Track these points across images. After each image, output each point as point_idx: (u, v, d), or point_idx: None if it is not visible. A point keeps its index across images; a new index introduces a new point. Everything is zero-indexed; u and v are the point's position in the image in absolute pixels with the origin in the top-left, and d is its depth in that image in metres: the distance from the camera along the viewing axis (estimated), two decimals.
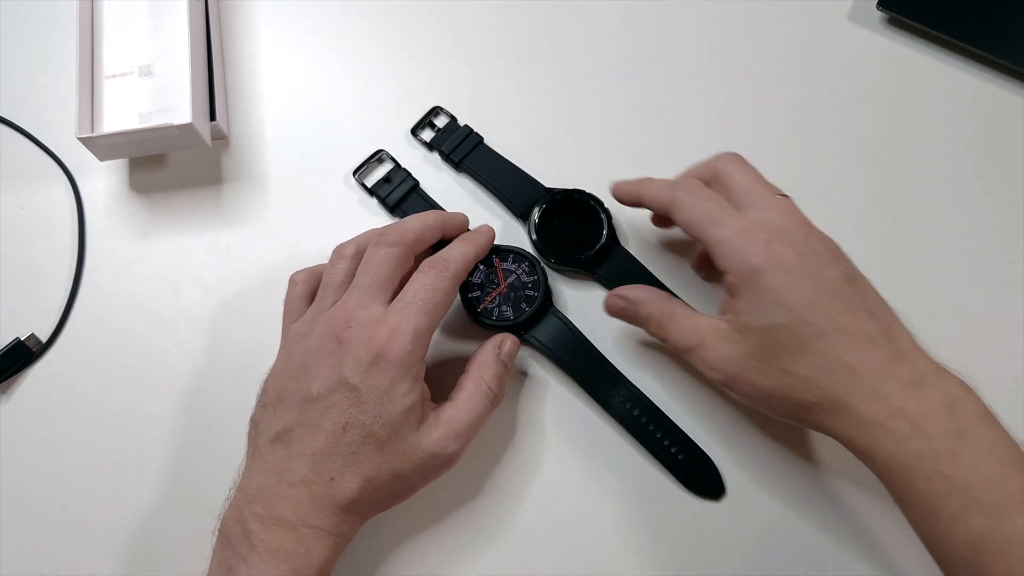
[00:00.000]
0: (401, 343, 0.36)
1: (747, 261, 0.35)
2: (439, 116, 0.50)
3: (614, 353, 0.44)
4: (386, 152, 0.49)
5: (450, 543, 0.42)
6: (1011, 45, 0.49)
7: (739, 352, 0.36)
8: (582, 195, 0.46)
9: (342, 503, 0.36)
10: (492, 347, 0.41)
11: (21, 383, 0.46)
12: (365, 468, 0.36)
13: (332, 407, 0.36)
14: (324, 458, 0.36)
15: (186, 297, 0.47)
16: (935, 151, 0.49)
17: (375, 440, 0.36)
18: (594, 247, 0.45)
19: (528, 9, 0.53)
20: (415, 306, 0.37)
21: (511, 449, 0.44)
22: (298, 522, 0.35)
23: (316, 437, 0.36)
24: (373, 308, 0.37)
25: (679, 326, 0.39)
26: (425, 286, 0.38)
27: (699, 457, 0.42)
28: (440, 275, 0.39)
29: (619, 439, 0.43)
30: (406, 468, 0.36)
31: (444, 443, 0.37)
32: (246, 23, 0.53)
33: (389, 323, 0.37)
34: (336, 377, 0.36)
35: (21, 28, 0.53)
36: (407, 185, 0.48)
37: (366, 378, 0.36)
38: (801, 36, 0.52)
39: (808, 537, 0.41)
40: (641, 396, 0.43)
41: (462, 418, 0.38)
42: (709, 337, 0.37)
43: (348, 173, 0.49)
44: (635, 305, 0.40)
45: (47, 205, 0.49)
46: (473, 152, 0.48)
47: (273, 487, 0.36)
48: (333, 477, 0.36)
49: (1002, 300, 0.45)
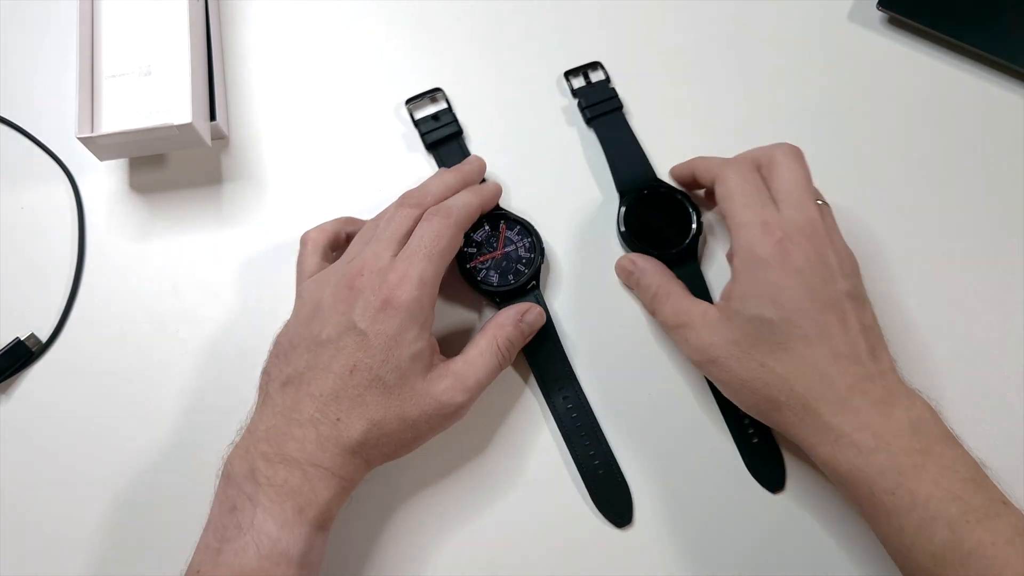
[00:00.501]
0: (408, 289, 0.37)
1: (755, 250, 0.37)
2: (597, 71, 0.51)
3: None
4: (443, 92, 0.50)
5: (454, 500, 0.43)
6: (1011, 45, 0.49)
7: (722, 339, 0.37)
8: (685, 197, 0.46)
9: (348, 444, 0.36)
10: (515, 311, 0.42)
11: (21, 383, 0.46)
12: (371, 411, 0.36)
13: (341, 350, 0.37)
14: (332, 399, 0.36)
15: (186, 297, 0.47)
16: (935, 151, 0.49)
17: (382, 383, 0.36)
18: (670, 249, 0.45)
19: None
20: (420, 253, 0.38)
21: (518, 406, 0.44)
22: (304, 460, 0.36)
23: (325, 379, 0.37)
24: (385, 257, 0.38)
25: (672, 304, 0.41)
26: (428, 233, 0.39)
27: (617, 480, 0.43)
28: (443, 222, 0.39)
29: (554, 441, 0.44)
30: (412, 414, 0.37)
31: (452, 393, 0.38)
32: (246, 23, 0.53)
33: (397, 270, 0.37)
34: (346, 321, 0.37)
35: (21, 28, 0.53)
36: (450, 130, 0.49)
37: (373, 323, 0.36)
38: (801, 36, 0.52)
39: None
40: (585, 404, 0.44)
41: (471, 372, 0.39)
42: (698, 319, 0.39)
43: (349, 173, 0.49)
44: (640, 272, 0.43)
45: (47, 205, 0.49)
46: (608, 115, 0.49)
47: (281, 427, 0.37)
48: (340, 418, 0.36)
49: (1002, 300, 0.45)
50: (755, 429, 0.43)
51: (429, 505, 0.43)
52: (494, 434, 0.44)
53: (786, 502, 0.42)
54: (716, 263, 0.47)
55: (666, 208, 0.46)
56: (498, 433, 0.44)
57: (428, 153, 0.49)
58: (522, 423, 0.44)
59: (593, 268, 0.47)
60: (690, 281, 0.45)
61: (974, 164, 0.48)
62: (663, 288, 0.42)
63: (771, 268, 0.36)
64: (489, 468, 0.43)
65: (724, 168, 0.40)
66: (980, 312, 0.45)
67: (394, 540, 0.42)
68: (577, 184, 0.49)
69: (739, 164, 0.40)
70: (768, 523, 0.42)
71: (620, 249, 0.47)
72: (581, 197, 0.48)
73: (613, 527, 0.42)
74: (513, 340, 0.41)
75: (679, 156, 0.47)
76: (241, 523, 0.35)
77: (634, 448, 0.43)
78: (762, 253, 0.36)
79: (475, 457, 0.44)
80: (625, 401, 0.44)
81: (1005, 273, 0.46)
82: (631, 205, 0.46)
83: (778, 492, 0.42)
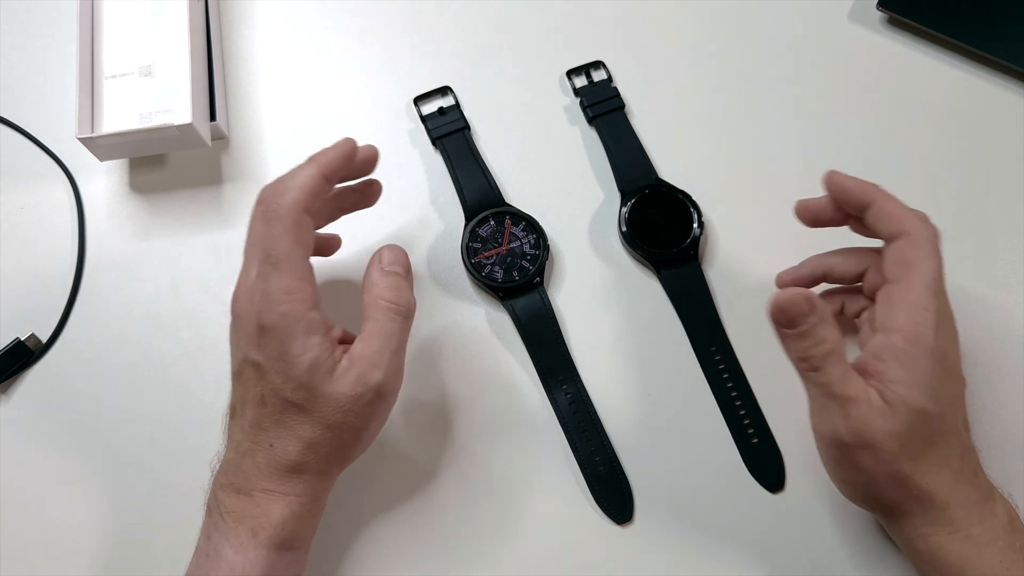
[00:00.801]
0: (271, 308, 0.35)
1: (928, 339, 0.34)
2: (599, 70, 0.51)
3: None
4: (452, 89, 0.50)
5: (453, 497, 0.43)
6: (1011, 45, 0.49)
7: (884, 427, 0.34)
8: (686, 197, 0.46)
9: (288, 465, 0.36)
10: (374, 265, 0.39)
11: (21, 383, 0.46)
12: (298, 430, 0.36)
13: (248, 382, 0.37)
14: (258, 428, 0.36)
15: (186, 297, 0.47)
16: (935, 151, 0.49)
17: (293, 405, 0.35)
18: (671, 249, 0.45)
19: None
20: (268, 264, 0.35)
21: (519, 400, 0.45)
22: (252, 488, 0.36)
23: (247, 410, 0.37)
24: (252, 274, 0.36)
25: (845, 368, 0.34)
26: (266, 238, 0.35)
27: (619, 477, 0.43)
28: (273, 218, 0.35)
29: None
30: (337, 418, 0.35)
31: (363, 379, 0.35)
32: (246, 23, 0.53)
33: (257, 290, 0.35)
34: (241, 355, 0.37)
35: (21, 28, 0.53)
36: (456, 125, 0.49)
37: (259, 351, 0.35)
38: (801, 36, 0.52)
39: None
40: (587, 399, 0.44)
41: (372, 346, 0.36)
42: (863, 395, 0.34)
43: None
44: (819, 318, 0.35)
45: (47, 205, 0.49)
46: (610, 115, 0.49)
47: (231, 459, 0.37)
48: (272, 444, 0.36)
49: (1002, 300, 0.45)
50: (755, 429, 0.43)
51: (428, 503, 0.43)
52: (494, 427, 0.44)
53: (786, 501, 0.42)
54: (716, 263, 0.47)
55: (667, 208, 0.46)
56: (499, 427, 0.44)
57: (435, 149, 0.49)
58: (523, 416, 0.44)
59: (594, 266, 0.47)
60: (690, 281, 0.45)
61: (974, 164, 0.48)
62: (839, 346, 0.35)
63: (937, 360, 0.34)
64: (489, 462, 0.43)
65: (918, 228, 0.36)
66: (980, 311, 0.45)
67: (393, 539, 0.42)
68: (579, 183, 0.49)
69: (932, 234, 0.36)
70: (767, 522, 0.42)
71: (621, 249, 0.47)
72: (583, 196, 0.48)
73: (613, 523, 0.42)
74: (394, 285, 0.38)
75: (681, 156, 0.47)
76: (210, 551, 0.36)
77: (634, 445, 0.43)
78: (934, 344, 0.34)
79: (475, 451, 0.44)
80: (626, 398, 0.44)
81: (1005, 273, 0.46)
82: (633, 205, 0.46)
83: (778, 492, 0.43)
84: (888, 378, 0.34)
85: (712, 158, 0.49)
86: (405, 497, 0.43)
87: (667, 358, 0.45)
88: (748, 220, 0.47)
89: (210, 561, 0.36)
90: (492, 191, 0.47)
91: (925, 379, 0.34)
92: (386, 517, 0.43)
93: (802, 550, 0.41)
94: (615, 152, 0.48)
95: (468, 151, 0.48)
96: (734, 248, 0.47)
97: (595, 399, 0.44)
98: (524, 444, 0.44)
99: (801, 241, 0.42)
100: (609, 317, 0.46)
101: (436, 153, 0.50)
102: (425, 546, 0.42)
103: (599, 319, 0.46)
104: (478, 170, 0.48)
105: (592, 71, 0.51)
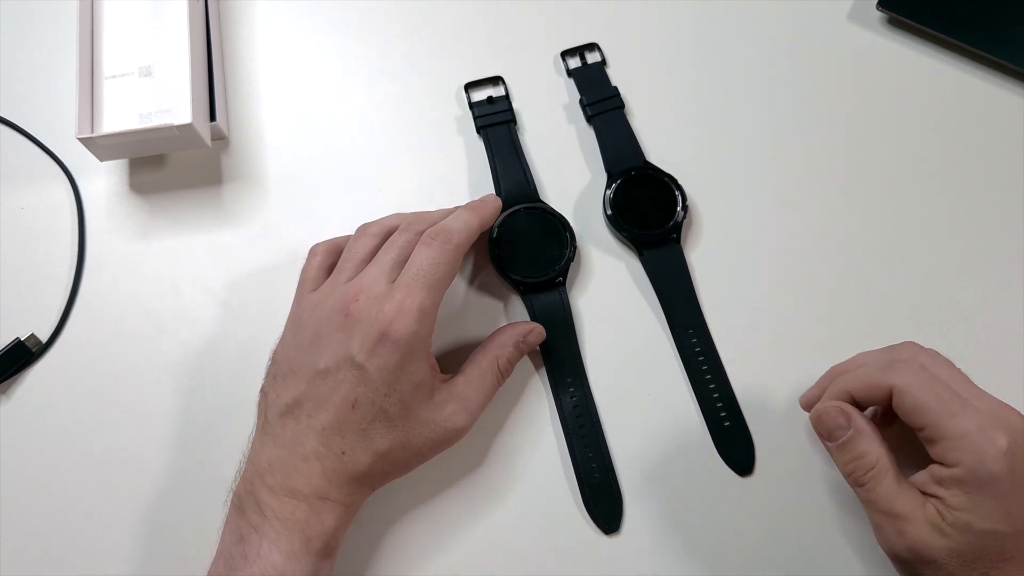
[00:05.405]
0: (407, 323, 0.36)
1: (987, 465, 0.32)
2: (594, 52, 0.51)
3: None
4: (504, 81, 0.51)
5: (453, 509, 0.43)
6: (1011, 45, 0.49)
7: (945, 545, 0.33)
8: (672, 180, 0.46)
9: (354, 475, 0.36)
10: (518, 332, 0.42)
11: (21, 383, 0.46)
12: (377, 443, 0.36)
13: (340, 383, 0.36)
14: (334, 433, 0.36)
15: (186, 297, 0.47)
16: (935, 151, 0.49)
17: (386, 416, 0.36)
18: (654, 231, 0.45)
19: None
20: (420, 282, 0.37)
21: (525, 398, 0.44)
22: (310, 494, 0.36)
23: (326, 412, 0.36)
24: (382, 283, 0.37)
25: (892, 485, 0.35)
26: (427, 260, 0.38)
27: (612, 486, 0.42)
28: (443, 247, 0.38)
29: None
30: (418, 442, 0.37)
31: (456, 419, 0.38)
32: (246, 23, 0.53)
33: (395, 300, 0.36)
34: (344, 353, 0.36)
35: (21, 28, 0.53)
36: (504, 116, 0.49)
37: (371, 357, 0.36)
38: (801, 36, 0.52)
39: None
40: (591, 406, 0.44)
41: (473, 394, 0.39)
42: (918, 513, 0.34)
43: (349, 173, 0.49)
44: (857, 433, 0.35)
45: (47, 205, 0.49)
46: (609, 113, 0.49)
47: (285, 459, 0.36)
48: (344, 452, 0.36)
49: (1002, 301, 0.45)
50: (727, 413, 0.43)
51: (426, 500, 0.43)
52: (495, 425, 0.44)
53: (754, 485, 0.42)
54: (699, 246, 0.47)
55: (652, 190, 0.46)
56: (500, 425, 0.44)
57: (478, 136, 0.49)
58: (527, 415, 0.44)
59: (595, 262, 0.47)
60: (672, 263, 0.45)
61: (974, 164, 0.48)
62: (884, 462, 0.35)
63: (1004, 481, 0.32)
64: (489, 459, 0.43)
65: (892, 378, 0.35)
66: (979, 312, 0.45)
67: (392, 536, 0.42)
68: (569, 168, 0.49)
69: (902, 367, 0.35)
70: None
71: (608, 235, 0.47)
72: (575, 181, 0.49)
73: (600, 532, 0.42)
74: (513, 361, 0.41)
75: (673, 144, 0.47)
76: (247, 553, 0.35)
77: (630, 454, 0.43)
78: (994, 468, 0.32)
79: (475, 447, 0.44)
80: (628, 405, 0.44)
81: (1005, 273, 0.46)
82: (618, 187, 0.46)
83: (747, 476, 0.42)
84: (951, 505, 0.33)
85: (705, 148, 0.49)
86: (398, 495, 0.43)
87: (675, 369, 0.45)
88: (736, 210, 0.47)
89: (250, 565, 0.35)
90: (528, 186, 0.47)
91: (994, 504, 0.32)
92: (374, 518, 0.43)
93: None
94: (604, 133, 0.49)
95: (511, 144, 0.48)
96: (720, 234, 0.47)
97: (599, 406, 0.44)
98: (522, 442, 0.44)
99: (795, 240, 0.42)
100: (623, 324, 0.46)
101: (440, 153, 0.50)
102: (417, 545, 0.42)
103: (614, 325, 0.45)
104: (517, 164, 0.48)
105: (587, 53, 0.51)
